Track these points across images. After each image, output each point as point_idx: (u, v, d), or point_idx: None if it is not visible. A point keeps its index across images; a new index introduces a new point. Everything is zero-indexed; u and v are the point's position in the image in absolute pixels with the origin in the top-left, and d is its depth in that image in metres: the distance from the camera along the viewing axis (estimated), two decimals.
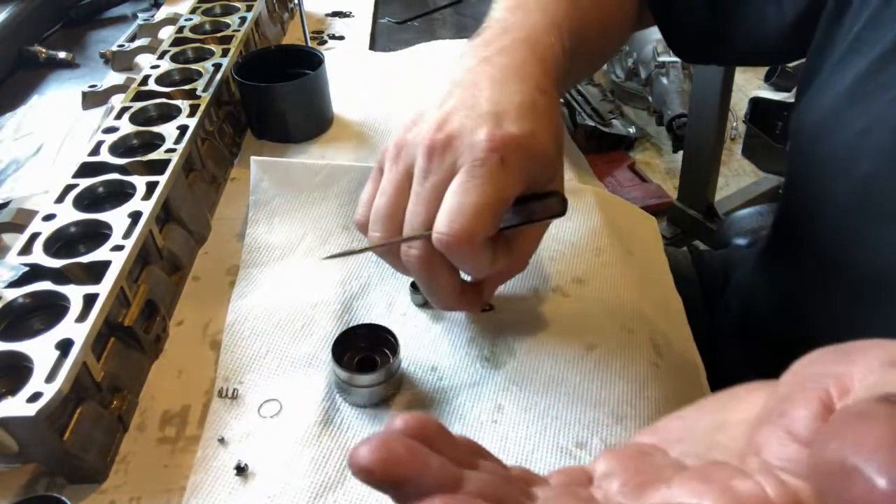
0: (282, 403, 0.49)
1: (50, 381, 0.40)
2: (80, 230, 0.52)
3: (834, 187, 0.53)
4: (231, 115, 0.75)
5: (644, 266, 0.61)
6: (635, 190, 2.18)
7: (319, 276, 0.57)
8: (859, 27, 0.53)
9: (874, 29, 0.52)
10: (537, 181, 0.47)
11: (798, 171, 0.61)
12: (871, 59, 0.51)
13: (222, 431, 0.47)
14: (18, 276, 0.48)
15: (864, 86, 0.51)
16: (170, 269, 0.58)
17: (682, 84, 2.30)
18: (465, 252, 0.44)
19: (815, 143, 0.56)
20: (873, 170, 0.50)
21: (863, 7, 0.53)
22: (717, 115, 1.81)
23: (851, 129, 0.51)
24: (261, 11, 0.87)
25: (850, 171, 0.51)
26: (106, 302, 0.46)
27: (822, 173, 0.55)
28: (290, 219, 0.63)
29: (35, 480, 0.45)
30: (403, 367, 0.50)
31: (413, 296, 0.56)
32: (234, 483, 0.44)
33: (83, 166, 0.58)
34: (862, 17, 0.53)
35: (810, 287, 0.61)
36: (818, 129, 0.55)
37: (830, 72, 0.55)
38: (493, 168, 0.44)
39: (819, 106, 0.55)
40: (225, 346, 0.52)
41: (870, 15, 0.52)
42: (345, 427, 0.47)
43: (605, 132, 2.31)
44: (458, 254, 0.45)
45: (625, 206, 0.68)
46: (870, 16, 0.52)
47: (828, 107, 0.54)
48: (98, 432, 0.45)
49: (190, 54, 0.75)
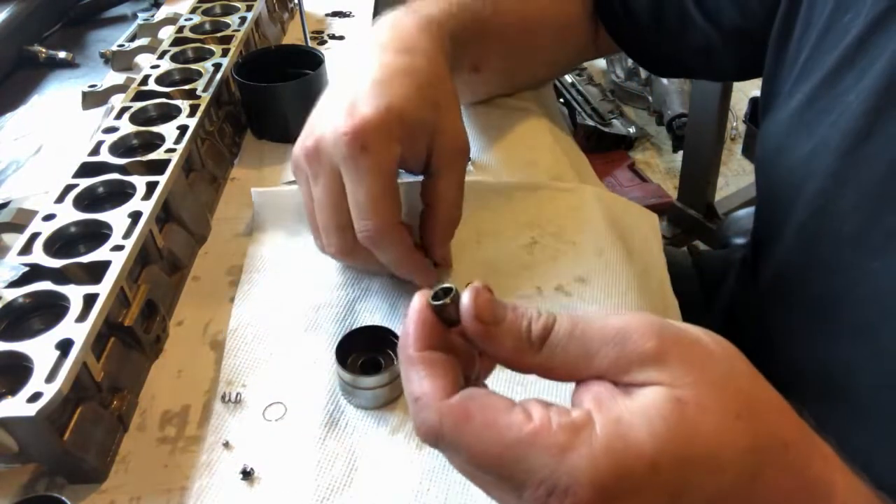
0: (286, 406, 0.48)
1: (50, 381, 0.40)
2: (80, 230, 0.52)
3: (792, 206, 0.56)
4: (231, 115, 0.75)
5: (644, 266, 0.61)
6: (635, 190, 2.18)
7: (322, 279, 0.57)
8: (805, 56, 0.56)
9: (815, 57, 0.55)
10: (417, 139, 0.51)
11: (762, 190, 0.63)
12: (813, 84, 0.54)
13: (227, 435, 0.47)
14: (18, 276, 0.48)
15: (810, 110, 0.54)
16: (170, 269, 0.58)
17: (682, 84, 2.30)
18: (387, 240, 0.49)
19: (775, 163, 0.59)
20: (822, 190, 0.52)
21: (804, 37, 0.56)
22: (717, 115, 1.82)
23: (801, 151, 0.54)
24: (261, 11, 0.87)
25: (804, 191, 0.54)
26: (106, 302, 0.46)
27: (782, 193, 0.57)
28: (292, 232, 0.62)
29: (35, 480, 0.45)
30: None
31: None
32: (241, 487, 0.44)
33: (83, 166, 0.58)
34: (805, 46, 0.56)
35: (771, 304, 0.63)
36: (776, 151, 0.58)
37: (784, 96, 0.58)
38: (358, 159, 0.48)
39: (775, 128, 0.58)
40: (228, 351, 0.52)
41: (812, 45, 0.55)
42: (350, 430, 0.47)
43: (605, 132, 2.31)
44: (382, 244, 0.50)
45: (625, 204, 0.67)
46: (812, 45, 0.55)
47: (782, 130, 0.57)
48: (98, 432, 0.45)
49: (190, 54, 0.75)
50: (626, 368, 0.31)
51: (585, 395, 0.32)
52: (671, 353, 0.31)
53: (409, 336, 0.34)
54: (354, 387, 0.47)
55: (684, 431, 0.30)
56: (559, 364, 0.32)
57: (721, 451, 0.30)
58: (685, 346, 0.32)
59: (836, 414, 0.52)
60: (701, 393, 0.31)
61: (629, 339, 0.31)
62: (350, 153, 0.48)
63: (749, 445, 0.31)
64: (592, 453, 0.29)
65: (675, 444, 0.29)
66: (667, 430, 0.30)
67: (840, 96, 0.51)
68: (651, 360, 0.31)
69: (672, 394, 0.30)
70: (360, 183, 0.48)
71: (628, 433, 0.29)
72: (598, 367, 0.32)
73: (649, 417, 0.30)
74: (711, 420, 0.30)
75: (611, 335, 0.32)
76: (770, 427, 0.32)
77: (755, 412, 0.32)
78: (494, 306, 0.33)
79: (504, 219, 0.63)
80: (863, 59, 0.50)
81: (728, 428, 0.30)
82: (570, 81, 2.48)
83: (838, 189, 0.51)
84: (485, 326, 0.33)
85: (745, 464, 0.30)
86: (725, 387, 0.31)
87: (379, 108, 0.49)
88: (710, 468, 0.30)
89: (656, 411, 0.30)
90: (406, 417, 0.47)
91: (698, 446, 0.30)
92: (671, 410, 0.30)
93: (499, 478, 0.31)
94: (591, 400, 0.31)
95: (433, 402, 0.32)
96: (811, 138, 0.53)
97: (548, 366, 0.33)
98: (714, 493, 0.30)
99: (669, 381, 0.31)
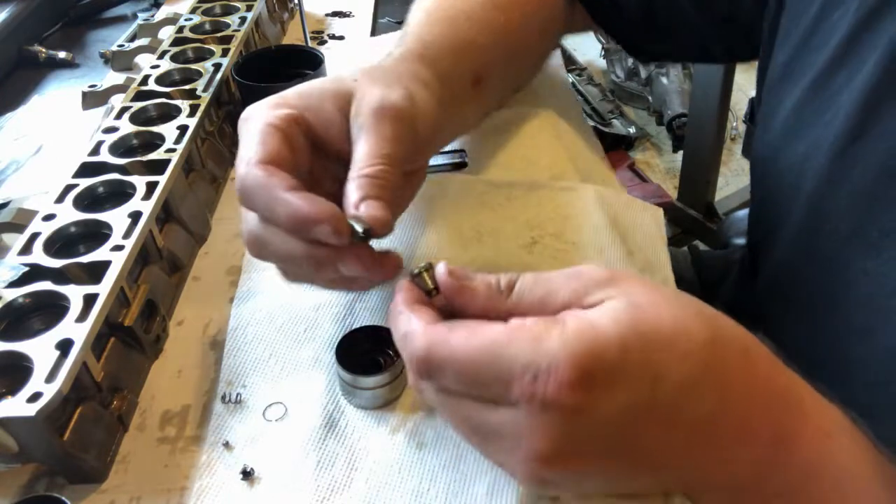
0: (286, 406, 0.48)
1: (50, 381, 0.40)
2: (80, 230, 0.52)
3: (789, 207, 0.56)
4: (231, 115, 0.75)
5: (646, 263, 0.60)
6: (635, 190, 2.18)
7: None
8: (787, 55, 0.56)
9: (804, 56, 0.55)
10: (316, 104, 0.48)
11: (758, 192, 0.64)
12: (804, 87, 0.54)
13: (227, 436, 0.47)
14: (18, 276, 0.48)
15: (802, 112, 0.54)
16: (170, 269, 0.58)
17: (682, 84, 2.30)
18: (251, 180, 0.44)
19: (770, 164, 0.59)
20: (816, 191, 0.53)
21: (787, 38, 0.56)
22: (717, 115, 1.82)
23: (795, 153, 0.55)
24: (261, 11, 0.87)
25: (798, 193, 0.54)
26: (106, 302, 0.46)
27: (778, 194, 0.58)
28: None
29: (35, 480, 0.45)
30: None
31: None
32: (241, 488, 0.44)
33: (83, 166, 0.58)
34: (787, 46, 0.56)
35: (769, 304, 0.63)
36: (770, 152, 0.59)
37: (773, 96, 0.59)
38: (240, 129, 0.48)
39: (770, 129, 0.58)
40: (227, 351, 0.52)
41: (799, 43, 0.55)
42: (350, 430, 0.47)
43: (605, 132, 2.31)
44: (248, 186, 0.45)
45: (627, 201, 0.67)
46: (799, 43, 0.55)
47: (777, 130, 0.57)
48: (98, 432, 0.45)
49: (190, 54, 0.75)
50: (586, 292, 0.35)
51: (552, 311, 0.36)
52: (625, 279, 0.36)
53: (397, 301, 0.38)
54: (354, 387, 0.47)
55: (646, 323, 0.34)
56: (528, 305, 0.36)
57: (684, 339, 0.34)
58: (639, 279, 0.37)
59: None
60: (656, 299, 0.35)
61: (584, 273, 0.36)
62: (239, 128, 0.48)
63: (709, 338, 0.34)
64: (565, 337, 0.33)
65: (639, 332, 0.33)
66: (629, 318, 0.33)
67: (833, 96, 0.51)
68: (605, 281, 0.36)
69: (629, 300, 0.34)
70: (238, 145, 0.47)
71: (596, 322, 0.33)
72: (563, 299, 0.36)
73: (613, 316, 0.34)
74: (671, 313, 0.34)
75: (568, 274, 0.36)
76: (729, 330, 0.36)
77: (712, 315, 0.36)
78: (465, 270, 0.38)
79: (504, 218, 0.63)
80: (853, 57, 0.50)
81: (688, 318, 0.35)
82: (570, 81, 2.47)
83: (833, 189, 0.51)
84: (458, 282, 0.37)
85: (711, 354, 0.34)
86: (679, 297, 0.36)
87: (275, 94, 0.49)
88: (679, 354, 0.34)
89: (619, 312, 0.34)
90: (406, 417, 0.47)
91: (662, 334, 0.34)
92: (631, 311, 0.34)
93: (486, 387, 0.34)
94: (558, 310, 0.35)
95: (419, 330, 0.36)
96: (806, 139, 0.53)
97: (519, 307, 0.36)
98: (687, 381, 0.34)
99: (626, 293, 0.35)
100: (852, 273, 0.50)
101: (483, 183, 0.66)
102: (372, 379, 0.47)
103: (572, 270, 0.37)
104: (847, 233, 0.50)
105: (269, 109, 0.46)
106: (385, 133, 0.46)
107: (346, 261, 0.43)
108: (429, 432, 0.46)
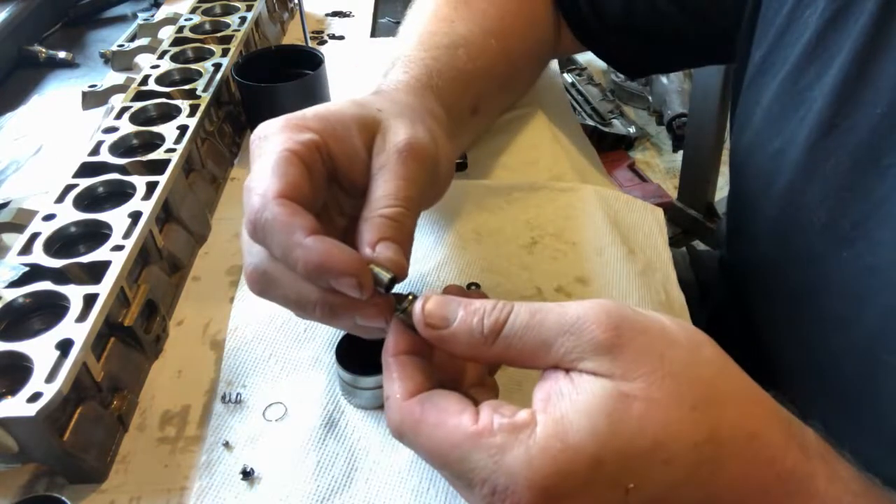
0: (286, 406, 0.48)
1: (50, 381, 0.40)
2: (80, 230, 0.52)
3: (763, 203, 0.57)
4: (231, 115, 0.75)
5: (646, 263, 0.60)
6: (635, 190, 2.18)
7: None
8: (763, 52, 0.57)
9: (777, 53, 0.55)
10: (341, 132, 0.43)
11: (735, 187, 0.64)
12: (778, 82, 0.55)
13: (227, 435, 0.47)
14: (18, 276, 0.48)
15: (777, 107, 0.55)
16: (170, 269, 0.58)
17: (682, 84, 2.30)
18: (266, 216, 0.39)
19: (746, 161, 0.60)
20: (791, 185, 0.53)
21: (763, 35, 0.57)
22: (717, 115, 1.82)
23: (771, 147, 0.55)
24: (261, 11, 0.87)
25: (773, 187, 0.55)
26: (106, 302, 0.46)
27: (754, 188, 0.58)
28: None
29: (35, 480, 0.45)
30: None
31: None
32: (241, 488, 0.44)
33: (83, 166, 0.58)
34: (763, 43, 0.57)
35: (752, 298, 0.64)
36: (747, 148, 0.59)
37: (750, 93, 0.59)
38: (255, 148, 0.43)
39: (747, 126, 0.59)
40: (228, 351, 0.52)
41: (773, 40, 0.56)
42: (350, 429, 0.47)
43: (605, 132, 2.31)
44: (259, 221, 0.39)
45: (627, 201, 0.67)
46: (773, 41, 0.56)
47: (753, 127, 0.58)
48: (98, 432, 0.45)
49: (190, 54, 0.75)
50: (580, 357, 0.32)
51: (539, 392, 0.33)
52: (627, 344, 0.32)
53: (385, 349, 0.37)
54: (354, 387, 0.47)
55: (629, 427, 0.30)
56: (516, 355, 0.34)
57: (670, 444, 0.31)
58: (644, 336, 0.32)
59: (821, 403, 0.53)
60: (652, 385, 0.31)
61: (585, 329, 0.32)
62: (252, 146, 0.42)
63: (706, 436, 0.31)
64: (528, 454, 0.30)
65: (618, 440, 0.30)
66: (609, 426, 0.30)
67: (804, 91, 0.52)
68: (605, 349, 0.32)
69: (619, 389, 0.31)
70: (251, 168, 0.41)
71: (567, 432, 0.30)
72: (555, 356, 0.33)
73: (591, 415, 0.30)
74: (660, 413, 0.31)
75: (568, 325, 0.33)
76: (733, 418, 0.32)
77: (715, 402, 0.32)
78: (445, 309, 0.35)
79: (504, 219, 0.63)
80: (822, 54, 0.51)
81: (679, 419, 0.31)
82: (570, 81, 2.48)
83: (807, 182, 0.52)
84: (435, 331, 0.35)
85: (702, 455, 0.31)
86: (683, 376, 0.32)
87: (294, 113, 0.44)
88: (660, 460, 0.30)
89: (600, 408, 0.31)
90: None
91: (645, 439, 0.30)
92: (615, 407, 0.30)
93: (451, 475, 0.33)
94: (541, 399, 0.32)
95: (396, 403, 0.35)
96: (781, 134, 0.54)
97: (506, 357, 0.34)
98: (668, 484, 0.31)
99: (620, 374, 0.31)
100: (828, 264, 0.51)
101: (483, 187, 0.66)
102: (372, 379, 0.47)
103: (574, 319, 0.33)
104: (821, 225, 0.51)
105: (289, 132, 0.41)
106: (408, 174, 0.43)
107: (365, 312, 0.39)
108: None
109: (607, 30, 0.72)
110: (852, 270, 0.49)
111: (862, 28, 0.48)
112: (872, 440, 0.48)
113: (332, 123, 0.43)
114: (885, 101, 0.47)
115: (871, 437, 0.49)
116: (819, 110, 0.50)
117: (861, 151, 0.48)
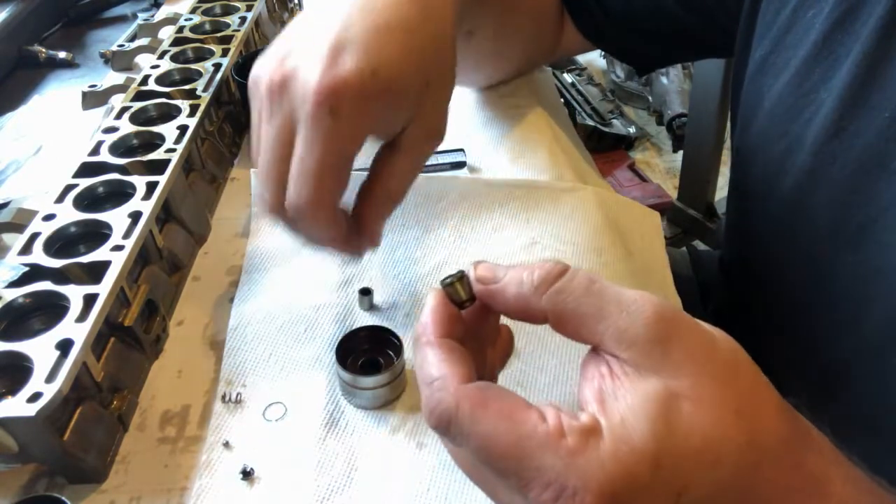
0: (286, 406, 0.48)
1: (50, 381, 0.40)
2: (80, 230, 0.52)
3: (766, 204, 0.56)
4: (231, 115, 0.75)
5: (644, 265, 0.61)
6: (635, 190, 2.18)
7: (321, 279, 0.57)
8: (764, 51, 0.56)
9: (780, 53, 0.55)
10: (393, 115, 0.44)
11: (737, 187, 0.64)
12: (783, 82, 0.54)
13: (227, 435, 0.47)
14: (18, 276, 0.48)
15: (782, 108, 0.54)
16: (170, 269, 0.58)
17: (682, 84, 2.30)
18: (317, 219, 0.43)
19: (749, 161, 0.59)
20: (797, 187, 0.53)
21: (765, 33, 0.56)
22: (717, 115, 1.82)
23: (777, 148, 0.55)
24: (261, 11, 0.87)
25: (778, 188, 0.54)
26: (106, 302, 0.46)
27: (758, 189, 0.58)
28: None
29: (35, 480, 0.45)
30: (408, 368, 0.50)
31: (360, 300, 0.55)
32: (241, 488, 0.44)
33: (83, 166, 0.58)
34: (764, 41, 0.56)
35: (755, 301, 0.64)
36: (750, 148, 0.59)
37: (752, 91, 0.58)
38: (323, 124, 0.41)
39: (749, 126, 0.59)
40: (228, 351, 0.52)
41: (773, 40, 0.55)
42: (350, 430, 0.47)
43: (605, 132, 2.30)
44: (308, 220, 0.43)
45: (626, 203, 0.68)
46: (773, 41, 0.56)
47: (756, 127, 0.57)
48: (98, 432, 0.45)
49: (190, 54, 0.75)
50: (631, 345, 0.31)
51: (588, 390, 0.32)
52: (677, 340, 0.32)
53: (427, 325, 0.35)
54: (354, 387, 0.47)
55: (681, 427, 0.30)
56: (568, 315, 0.33)
57: (719, 446, 0.31)
58: (693, 336, 0.32)
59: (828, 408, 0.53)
60: (698, 385, 0.31)
61: (641, 312, 0.31)
62: (315, 113, 0.41)
63: (747, 441, 0.31)
64: (601, 459, 0.29)
65: (673, 440, 0.30)
66: (665, 426, 0.30)
67: (810, 93, 0.52)
68: (657, 340, 0.31)
69: (668, 388, 0.31)
70: (313, 148, 0.41)
71: (631, 435, 0.30)
72: (605, 331, 0.32)
73: (650, 417, 0.30)
74: (710, 415, 0.31)
75: (626, 303, 0.32)
76: (768, 424, 0.32)
77: (754, 408, 0.32)
78: (495, 268, 0.35)
79: (504, 219, 0.63)
80: (829, 55, 0.51)
81: (727, 423, 0.31)
82: (570, 81, 2.47)
83: (812, 185, 0.52)
84: (485, 286, 0.35)
85: (744, 458, 0.31)
86: (727, 383, 0.32)
87: (363, 73, 0.41)
88: (709, 462, 0.30)
89: (656, 409, 0.30)
90: (406, 417, 0.47)
91: (696, 440, 0.30)
92: (668, 407, 0.30)
93: (504, 472, 0.31)
94: (595, 399, 0.32)
95: (451, 385, 0.32)
96: (786, 135, 0.54)
97: (555, 314, 0.33)
98: (714, 486, 0.31)
99: (668, 370, 0.31)
100: (833, 267, 0.51)
101: (483, 184, 0.66)
102: (372, 379, 0.47)
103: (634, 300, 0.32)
104: (826, 227, 0.51)
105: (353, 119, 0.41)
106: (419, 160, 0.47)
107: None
108: (429, 432, 0.46)
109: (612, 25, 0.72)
110: (858, 273, 0.49)
111: (870, 31, 0.48)
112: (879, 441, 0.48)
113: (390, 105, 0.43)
114: (893, 105, 0.46)
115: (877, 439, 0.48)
116: (826, 113, 0.50)
117: (868, 155, 0.48)
